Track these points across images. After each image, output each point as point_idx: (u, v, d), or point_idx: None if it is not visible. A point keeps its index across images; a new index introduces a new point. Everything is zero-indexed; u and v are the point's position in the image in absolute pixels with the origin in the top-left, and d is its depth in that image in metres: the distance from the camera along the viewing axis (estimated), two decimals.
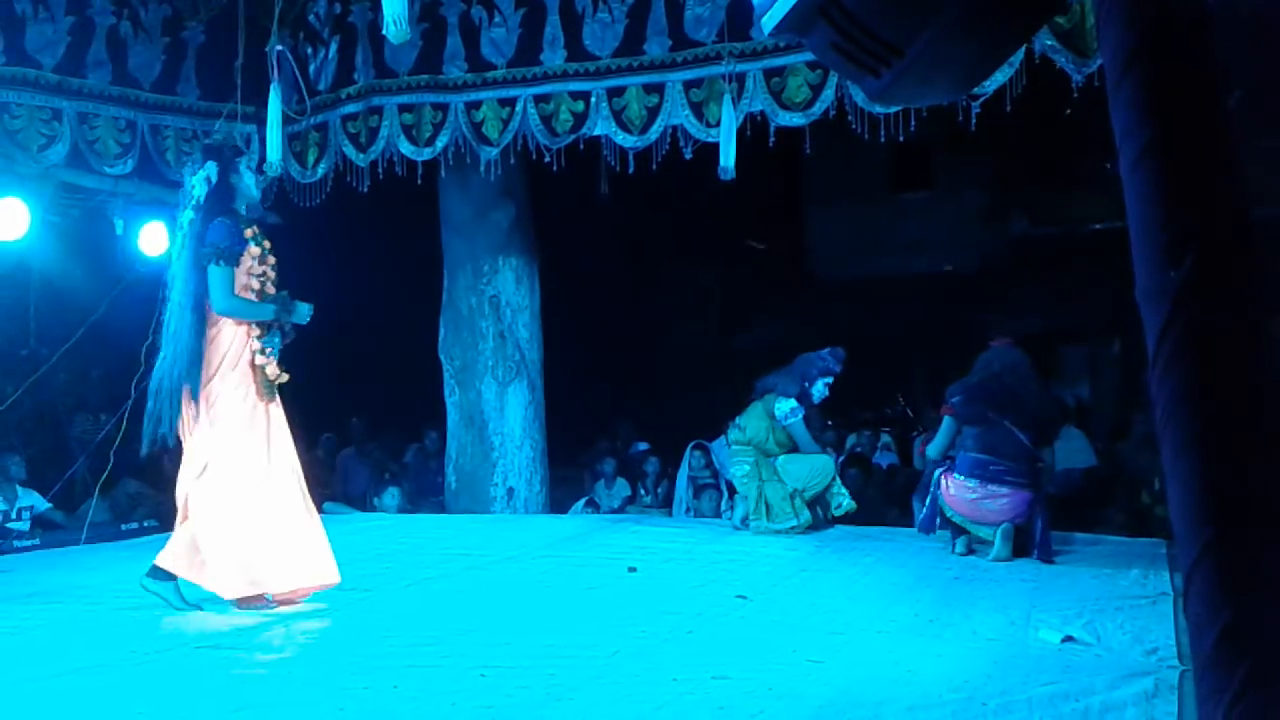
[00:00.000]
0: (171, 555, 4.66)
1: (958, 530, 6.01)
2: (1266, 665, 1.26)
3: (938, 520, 6.05)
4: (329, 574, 4.78)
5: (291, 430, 4.91)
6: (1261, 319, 1.30)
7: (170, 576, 4.67)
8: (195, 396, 4.59)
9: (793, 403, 6.83)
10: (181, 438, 4.67)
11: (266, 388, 4.75)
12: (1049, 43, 5.73)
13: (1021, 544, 5.84)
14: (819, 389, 6.91)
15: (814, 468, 6.87)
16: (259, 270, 4.79)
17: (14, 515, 7.70)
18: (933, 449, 6.26)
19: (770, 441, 6.91)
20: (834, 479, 6.98)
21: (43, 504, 7.92)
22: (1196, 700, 1.34)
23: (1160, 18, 1.33)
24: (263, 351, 4.76)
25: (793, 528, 6.72)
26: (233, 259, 4.66)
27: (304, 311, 4.88)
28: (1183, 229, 1.31)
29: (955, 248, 13.96)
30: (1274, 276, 1.38)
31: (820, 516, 6.98)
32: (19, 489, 7.88)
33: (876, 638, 4.12)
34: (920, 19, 1.48)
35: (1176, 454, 1.32)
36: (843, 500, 6.97)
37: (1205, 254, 1.30)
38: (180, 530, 4.69)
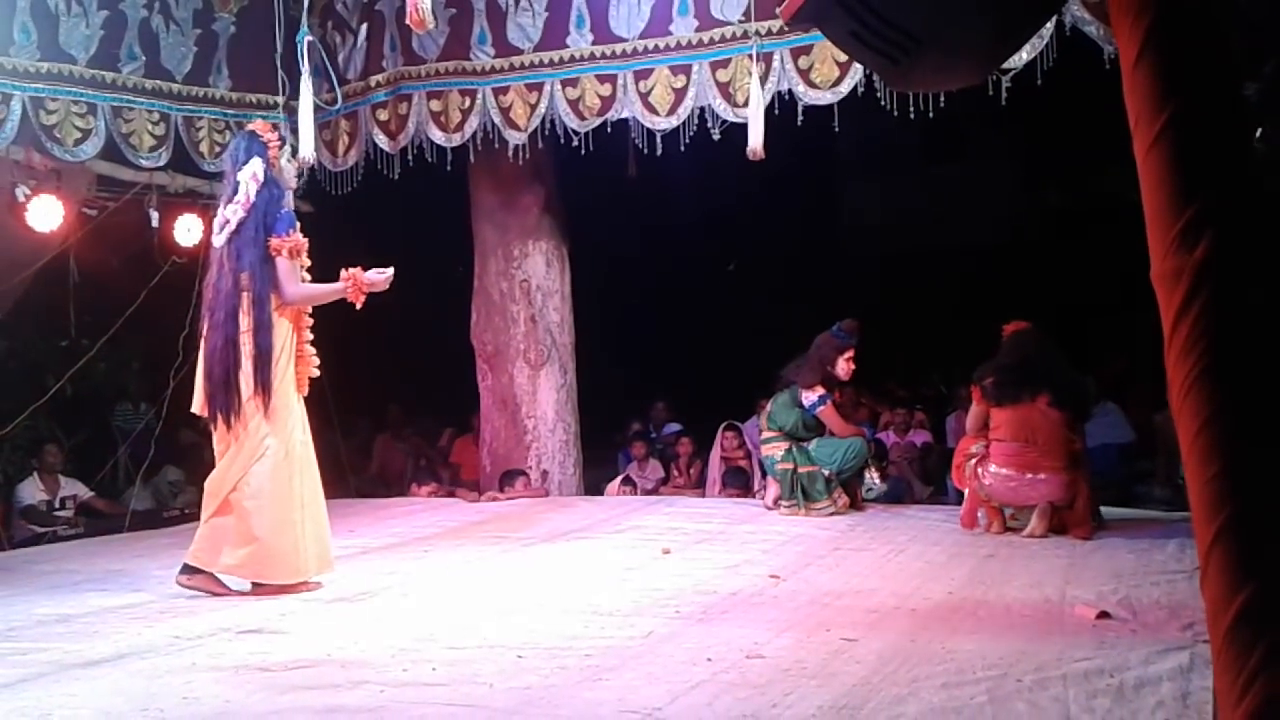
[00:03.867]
0: (202, 551, 4.77)
1: (995, 510, 6.00)
2: None
3: (981, 511, 6.05)
4: (331, 561, 4.99)
5: (328, 416, 5.01)
6: (1275, 299, 1.30)
7: (202, 570, 4.77)
8: (269, 391, 4.68)
9: (819, 392, 6.83)
10: (231, 428, 4.73)
11: (305, 380, 4.89)
12: (1079, 14, 5.67)
13: (1059, 522, 5.82)
14: (841, 368, 6.90)
15: (848, 450, 6.86)
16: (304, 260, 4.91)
17: (57, 504, 7.85)
18: (969, 429, 6.28)
19: (801, 429, 6.92)
20: (867, 461, 6.97)
21: (85, 492, 8.07)
22: (1214, 678, 1.35)
23: (1173, 2, 1.33)
24: (310, 344, 4.90)
25: (832, 514, 6.72)
26: (299, 252, 4.77)
27: (379, 279, 4.92)
28: (1198, 212, 1.31)
29: (989, 221, 13.82)
30: None
31: (854, 497, 6.98)
32: (62, 478, 8.03)
33: (910, 616, 4.14)
34: (937, 6, 1.48)
35: (1194, 434, 1.33)
36: (874, 484, 6.96)
37: (1220, 236, 1.30)
38: (206, 524, 4.78)
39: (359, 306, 4.93)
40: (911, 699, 3.09)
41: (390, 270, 4.92)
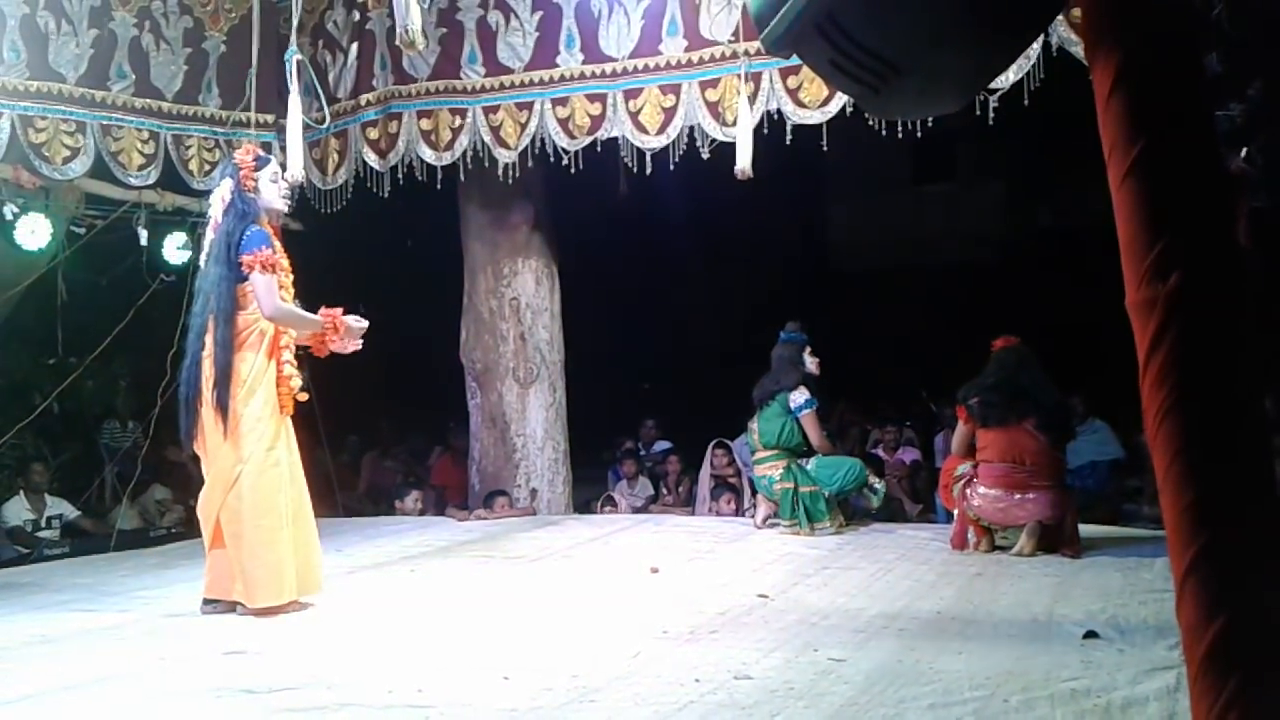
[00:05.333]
0: (214, 582, 4.82)
1: (983, 529, 6.00)
2: (1260, 671, 1.28)
3: (969, 530, 6.04)
4: (319, 581, 4.97)
5: (316, 434, 5.00)
6: (1249, 329, 1.31)
7: (221, 600, 4.78)
8: (225, 411, 4.66)
9: (806, 394, 6.86)
10: (198, 450, 4.76)
11: (288, 402, 4.86)
12: (1065, 34, 5.70)
13: (1049, 540, 5.82)
14: (809, 363, 7.00)
15: (847, 473, 6.88)
16: (285, 281, 4.89)
17: (43, 524, 7.81)
18: (954, 449, 6.28)
19: (793, 436, 6.92)
20: (865, 482, 6.99)
21: (72, 512, 8.03)
22: (1190, 706, 1.36)
23: (1148, 33, 1.34)
24: (291, 364, 4.89)
25: (833, 532, 6.72)
26: (273, 266, 4.74)
27: (357, 326, 4.97)
28: (1170, 244, 1.33)
29: (978, 239, 13.89)
30: None
31: (848, 516, 7.00)
32: (48, 497, 8.00)
33: (898, 635, 4.13)
34: (916, 36, 1.49)
35: (1168, 463, 1.34)
36: (877, 488, 6.98)
37: (1193, 267, 1.31)
38: (209, 555, 4.80)
39: (323, 355, 4.98)
40: None
41: (365, 323, 4.98)
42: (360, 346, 5.03)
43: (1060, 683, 3.38)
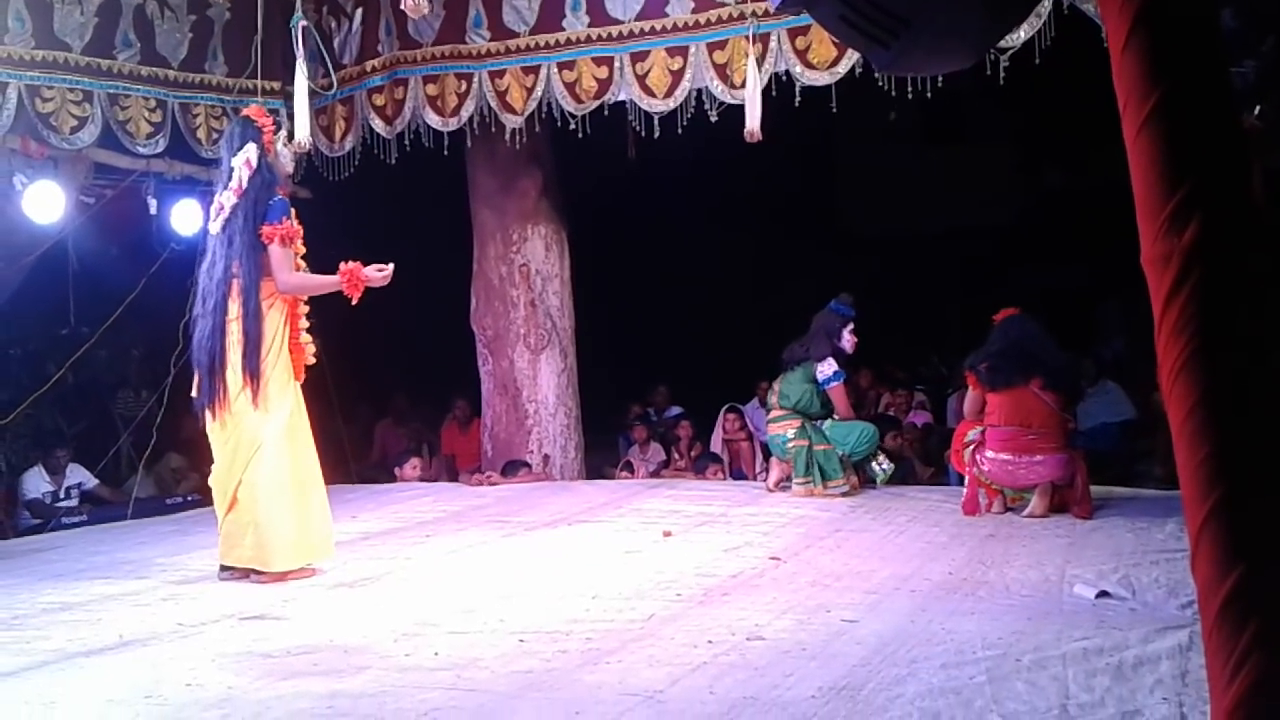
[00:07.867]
0: (227, 550, 4.83)
1: (995, 490, 6.01)
2: (1274, 626, 1.28)
3: (980, 491, 6.04)
4: (331, 547, 5.00)
5: (329, 402, 5.00)
6: (1266, 281, 1.30)
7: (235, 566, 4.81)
8: (257, 378, 4.68)
9: (834, 366, 6.85)
10: (216, 417, 4.76)
11: (301, 368, 4.88)
12: None
13: (1060, 500, 5.84)
14: (846, 340, 6.94)
15: (861, 434, 6.89)
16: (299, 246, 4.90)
17: (63, 495, 7.88)
18: (966, 414, 6.30)
19: (815, 405, 6.93)
20: (878, 448, 6.99)
21: (90, 480, 8.09)
22: (1205, 660, 1.36)
23: None
24: (308, 331, 4.90)
25: (845, 493, 6.74)
26: (292, 239, 4.74)
27: (378, 276, 4.88)
28: (1186, 196, 1.31)
29: (988, 201, 13.80)
30: None
31: (861, 479, 7.02)
32: (67, 467, 8.05)
33: (910, 596, 4.15)
34: None
35: (1183, 417, 1.33)
36: (880, 469, 6.98)
37: (1209, 220, 1.30)
38: (230, 520, 4.80)
39: (355, 302, 4.91)
40: (911, 679, 3.10)
41: (390, 267, 4.88)
42: (387, 281, 4.90)
43: (1072, 642, 3.39)
